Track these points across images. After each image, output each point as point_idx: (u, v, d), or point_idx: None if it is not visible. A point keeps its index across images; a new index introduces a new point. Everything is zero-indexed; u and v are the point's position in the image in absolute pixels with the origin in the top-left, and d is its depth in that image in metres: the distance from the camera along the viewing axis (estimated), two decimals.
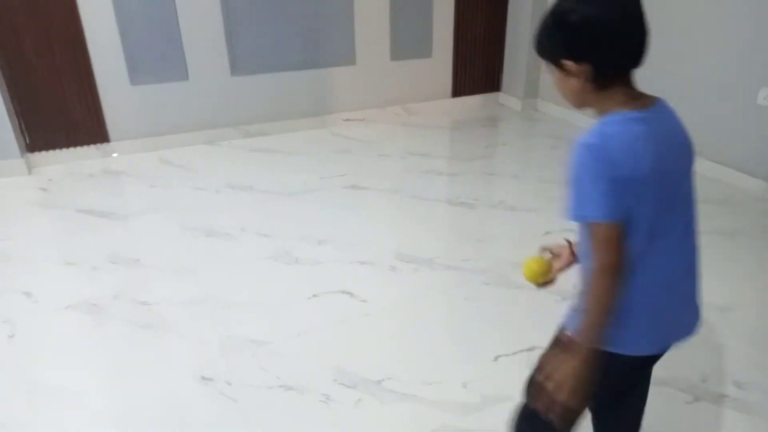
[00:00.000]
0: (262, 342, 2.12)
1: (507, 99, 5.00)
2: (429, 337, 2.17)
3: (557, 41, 1.06)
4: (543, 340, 2.08)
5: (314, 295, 2.40)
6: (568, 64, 1.05)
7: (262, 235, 2.88)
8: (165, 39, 3.77)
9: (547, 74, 4.42)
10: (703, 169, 3.13)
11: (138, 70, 3.78)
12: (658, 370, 1.27)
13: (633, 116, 1.03)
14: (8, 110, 3.44)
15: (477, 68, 4.90)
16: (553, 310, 2.27)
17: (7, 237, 2.89)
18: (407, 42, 4.54)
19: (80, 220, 3.05)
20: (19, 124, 3.58)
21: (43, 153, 3.71)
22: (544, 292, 2.36)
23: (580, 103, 1.11)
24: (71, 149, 3.77)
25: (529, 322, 2.23)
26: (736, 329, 2.16)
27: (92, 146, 3.82)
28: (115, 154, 3.87)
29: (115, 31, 3.63)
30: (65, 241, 2.88)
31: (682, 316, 1.17)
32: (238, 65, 4.05)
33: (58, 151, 3.74)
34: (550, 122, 4.58)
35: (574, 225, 1.11)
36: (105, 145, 3.85)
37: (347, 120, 4.53)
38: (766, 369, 1.97)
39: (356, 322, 2.24)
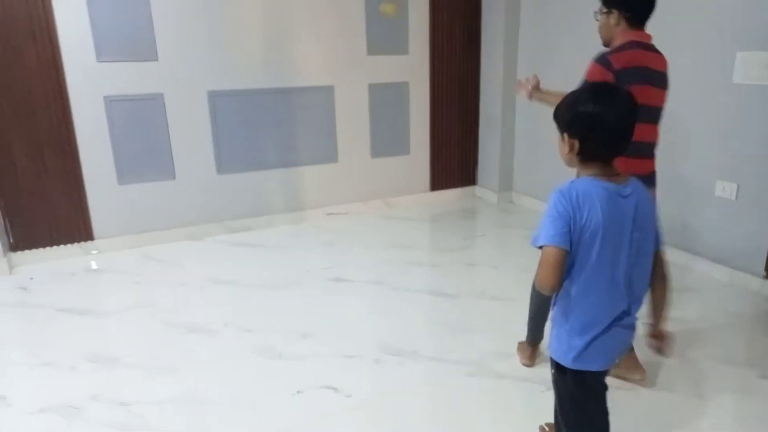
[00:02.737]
0: None
1: (483, 192, 5.21)
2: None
3: (566, 118, 1.45)
4: (529, 431, 2.08)
5: (298, 392, 2.36)
6: (565, 136, 1.44)
7: (245, 330, 2.87)
8: (155, 142, 3.93)
9: (520, 168, 4.66)
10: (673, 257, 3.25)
11: (126, 171, 3.89)
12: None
13: (598, 182, 1.40)
14: None
15: (453, 163, 5.14)
16: (538, 401, 2.28)
17: None
18: (386, 140, 4.79)
19: (60, 319, 3.01)
20: (4, 224, 3.61)
21: (26, 252, 3.71)
22: (529, 383, 2.37)
23: (567, 163, 1.49)
24: (55, 248, 3.79)
25: (514, 413, 2.21)
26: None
27: (76, 244, 3.84)
28: (95, 251, 3.89)
29: (106, 135, 3.77)
30: (43, 341, 2.83)
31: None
32: (224, 164, 4.19)
33: (41, 249, 3.75)
34: (525, 213, 4.75)
35: None
36: (89, 243, 3.88)
37: (330, 214, 4.65)
38: None
39: (341, 418, 2.20)
